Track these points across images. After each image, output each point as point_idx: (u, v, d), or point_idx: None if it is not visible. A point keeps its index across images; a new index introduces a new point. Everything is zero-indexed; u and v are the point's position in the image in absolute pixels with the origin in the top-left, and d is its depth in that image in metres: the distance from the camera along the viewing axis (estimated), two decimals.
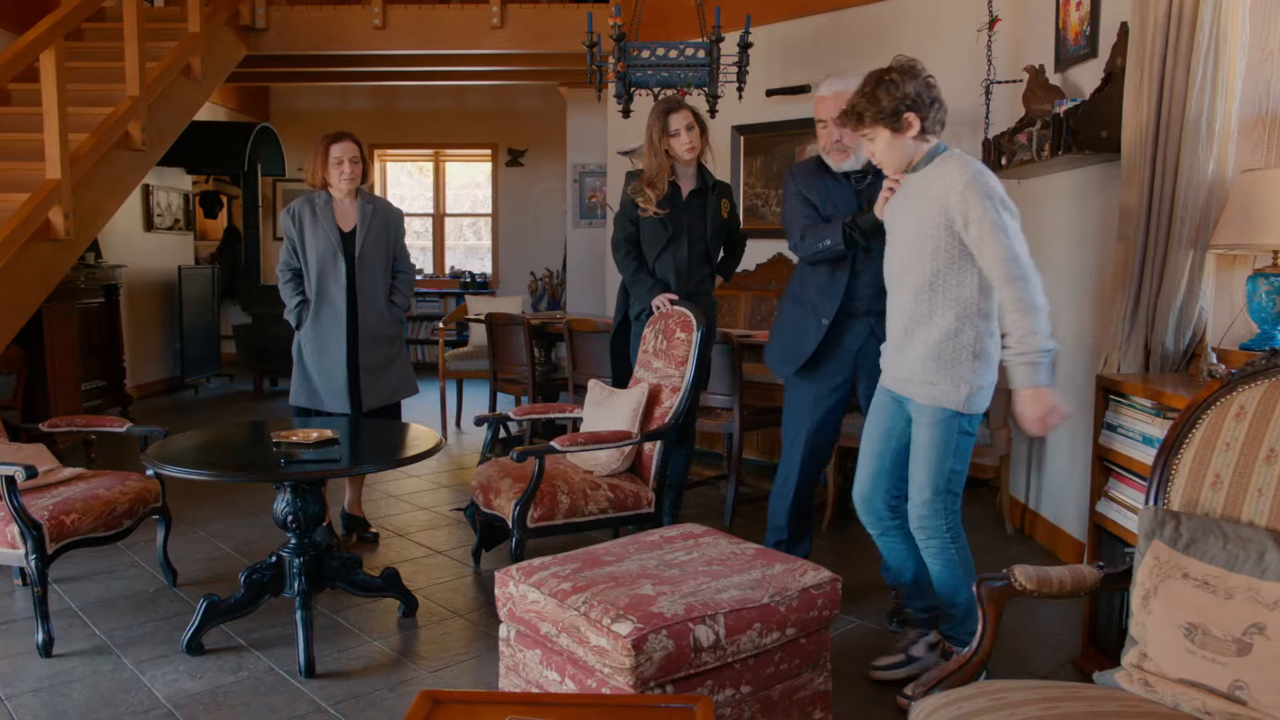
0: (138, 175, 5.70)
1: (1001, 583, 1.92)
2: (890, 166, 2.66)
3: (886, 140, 2.58)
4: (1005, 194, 2.50)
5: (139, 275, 7.68)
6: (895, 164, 2.64)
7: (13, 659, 2.95)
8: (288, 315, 3.90)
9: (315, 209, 3.84)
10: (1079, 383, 3.87)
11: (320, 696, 2.72)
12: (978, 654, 1.90)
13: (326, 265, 3.82)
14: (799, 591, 2.37)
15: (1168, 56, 2.92)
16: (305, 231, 3.83)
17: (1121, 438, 2.74)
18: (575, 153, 8.64)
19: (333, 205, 3.86)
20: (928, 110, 2.54)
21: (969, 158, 2.56)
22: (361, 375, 3.86)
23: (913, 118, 2.53)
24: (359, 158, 3.86)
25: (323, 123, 10.22)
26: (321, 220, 3.83)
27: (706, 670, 2.21)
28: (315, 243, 3.81)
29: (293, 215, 3.85)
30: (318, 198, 3.87)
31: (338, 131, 3.87)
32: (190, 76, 6.20)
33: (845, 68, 5.73)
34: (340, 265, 3.82)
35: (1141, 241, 3.05)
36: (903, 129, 2.55)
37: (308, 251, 3.83)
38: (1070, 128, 3.49)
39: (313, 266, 3.82)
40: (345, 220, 3.87)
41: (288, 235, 3.86)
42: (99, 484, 3.25)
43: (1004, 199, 2.49)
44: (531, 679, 2.39)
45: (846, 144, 3.12)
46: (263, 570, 3.07)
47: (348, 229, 3.86)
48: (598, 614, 2.19)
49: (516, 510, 3.21)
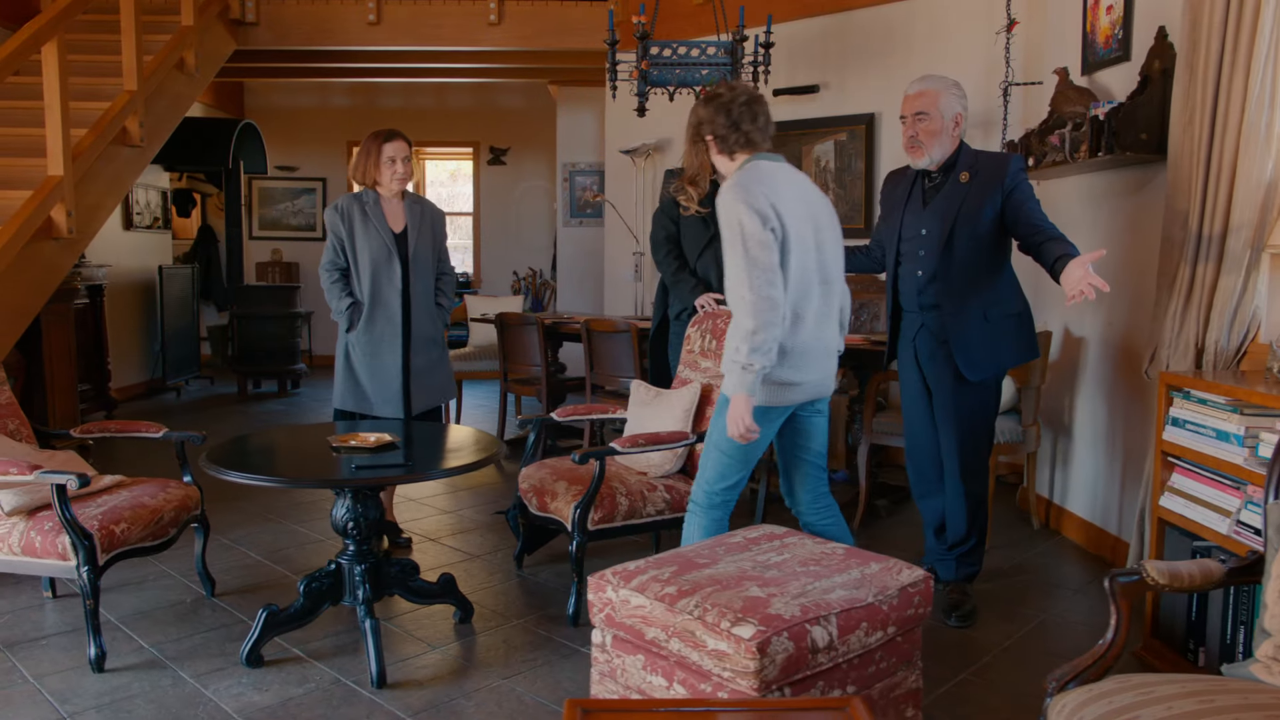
0: (135, 171, 5.54)
1: (1134, 578, 1.94)
2: (721, 176, 2.85)
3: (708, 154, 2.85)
4: (753, 216, 2.54)
5: (119, 275, 7.45)
6: (722, 173, 2.82)
7: (64, 675, 2.84)
8: (336, 318, 3.79)
9: (365, 208, 3.75)
10: (1112, 378, 3.94)
11: (397, 707, 2.66)
12: (1113, 647, 1.92)
13: (380, 267, 3.73)
14: (898, 590, 2.38)
15: (1223, 62, 2.98)
16: (355, 231, 3.73)
17: (1190, 433, 2.79)
18: (566, 152, 8.58)
19: (381, 205, 3.77)
20: (725, 133, 2.72)
21: (739, 182, 2.62)
22: (411, 378, 3.78)
23: (710, 139, 2.76)
24: (410, 157, 3.79)
25: (300, 120, 10.04)
26: (373, 220, 3.74)
27: (820, 671, 2.21)
28: (368, 244, 3.72)
29: (341, 213, 3.75)
30: (366, 196, 3.77)
31: (389, 130, 3.78)
32: (184, 71, 6.04)
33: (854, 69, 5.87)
34: (395, 267, 3.74)
35: (1194, 242, 3.12)
36: (707, 149, 2.80)
37: (359, 252, 3.74)
38: (1112, 129, 3.55)
39: (365, 268, 3.73)
40: (395, 221, 3.79)
41: (335, 234, 3.76)
42: (142, 492, 3.14)
43: (745, 225, 2.54)
44: (632, 685, 2.36)
45: (921, 140, 3.15)
46: (322, 578, 3.00)
47: (398, 230, 3.78)
48: (714, 617, 2.17)
49: (577, 513, 3.18)
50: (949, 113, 3.17)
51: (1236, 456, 2.58)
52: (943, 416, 3.32)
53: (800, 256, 2.63)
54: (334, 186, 10.19)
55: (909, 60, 5.52)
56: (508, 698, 2.73)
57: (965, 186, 3.17)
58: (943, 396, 3.30)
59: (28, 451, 3.15)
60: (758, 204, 2.55)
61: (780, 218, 2.58)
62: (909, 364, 3.41)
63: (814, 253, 2.68)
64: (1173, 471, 2.92)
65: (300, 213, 10.15)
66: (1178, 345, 3.20)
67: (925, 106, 3.16)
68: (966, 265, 3.18)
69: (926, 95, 3.17)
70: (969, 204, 3.15)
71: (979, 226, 3.14)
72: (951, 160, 3.21)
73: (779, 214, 2.58)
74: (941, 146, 3.18)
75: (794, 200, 2.65)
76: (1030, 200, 3.13)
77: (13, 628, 3.18)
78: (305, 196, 10.13)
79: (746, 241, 2.53)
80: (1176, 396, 2.90)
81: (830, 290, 2.76)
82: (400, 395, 3.77)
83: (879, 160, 5.72)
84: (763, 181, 2.62)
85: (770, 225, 2.55)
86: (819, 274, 2.70)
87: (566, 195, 8.62)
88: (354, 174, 3.82)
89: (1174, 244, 3.28)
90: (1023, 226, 3.10)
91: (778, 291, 2.55)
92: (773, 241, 2.54)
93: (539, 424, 3.74)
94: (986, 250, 3.18)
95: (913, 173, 3.32)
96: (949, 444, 3.31)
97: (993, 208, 3.13)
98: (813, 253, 2.68)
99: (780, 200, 2.60)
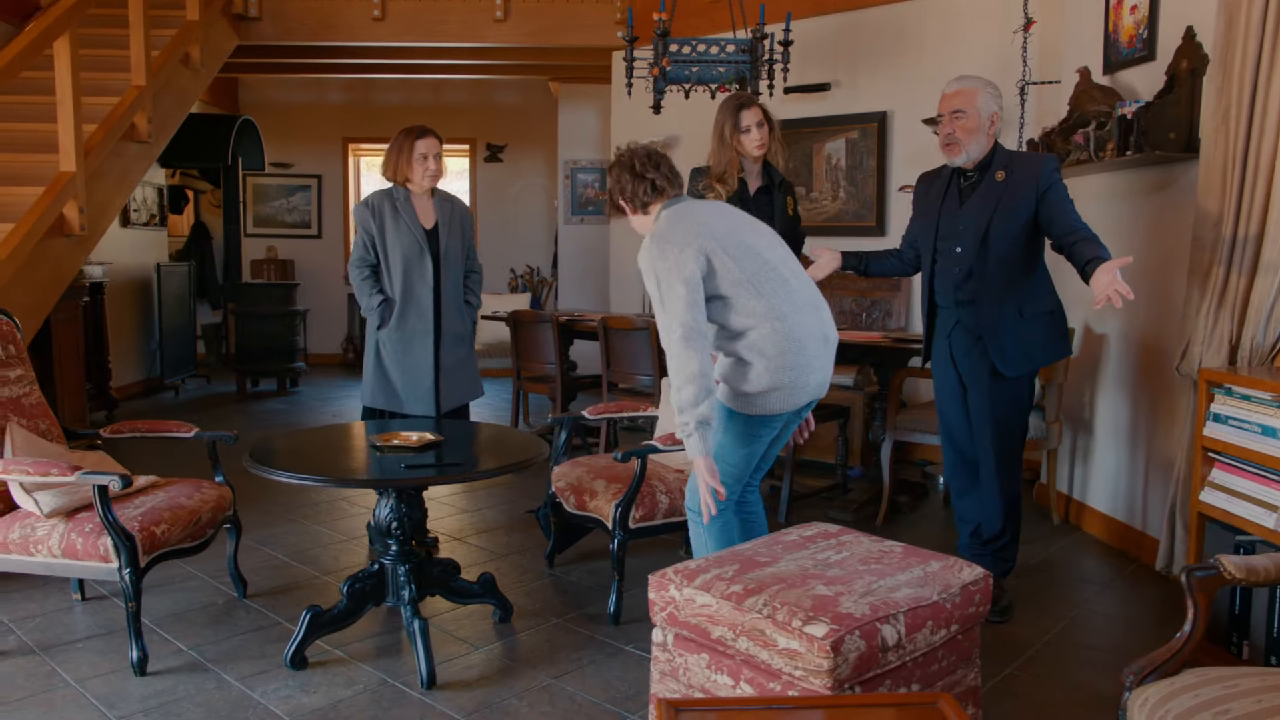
0: (143, 167, 5.48)
1: (1211, 572, 1.96)
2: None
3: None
4: (675, 252, 2.50)
5: (117, 273, 7.36)
6: (641, 233, 2.74)
7: (106, 678, 2.80)
8: (366, 314, 3.78)
9: (396, 205, 3.73)
10: (1135, 375, 3.98)
11: (449, 708, 2.64)
12: (1190, 641, 1.93)
13: (412, 264, 3.72)
14: (960, 588, 2.39)
15: (1260, 63, 3.01)
16: (386, 228, 3.71)
17: (1233, 429, 2.82)
18: (567, 149, 8.56)
19: (412, 201, 3.75)
20: (634, 188, 2.67)
21: (656, 232, 2.59)
22: (441, 376, 3.77)
23: (623, 204, 2.73)
24: (441, 154, 3.77)
25: (295, 116, 9.95)
26: (404, 217, 3.72)
27: (888, 670, 2.22)
28: (399, 240, 3.71)
29: (372, 209, 3.73)
30: (397, 193, 3.76)
31: (420, 126, 3.76)
32: (189, 66, 5.98)
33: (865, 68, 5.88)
34: (427, 264, 3.73)
35: (1229, 241, 3.15)
36: (626, 213, 2.76)
37: (389, 249, 3.72)
38: (1141, 128, 3.58)
39: (397, 265, 3.72)
40: (426, 217, 3.78)
41: (365, 230, 3.74)
42: (178, 492, 3.10)
43: (664, 273, 2.50)
44: (695, 684, 2.36)
45: (958, 138, 3.17)
46: (365, 579, 2.97)
47: (429, 226, 3.77)
48: (785, 616, 2.17)
49: (618, 511, 3.17)
50: (986, 111, 3.18)
51: None
52: (978, 413, 3.33)
53: (752, 261, 2.59)
54: (329, 183, 10.11)
55: (921, 59, 5.55)
56: (559, 697, 2.71)
57: (1001, 185, 3.19)
58: (978, 392, 3.32)
59: (60, 452, 3.10)
60: (678, 239, 2.52)
61: (713, 238, 2.55)
62: (944, 360, 3.42)
63: (765, 254, 2.63)
64: (1213, 467, 2.95)
65: (295, 210, 10.06)
66: (1211, 342, 3.23)
67: (962, 104, 3.18)
68: (1002, 263, 3.20)
69: (964, 93, 3.19)
70: (1005, 203, 3.17)
71: (1014, 225, 3.16)
72: (987, 160, 3.23)
73: (710, 235, 2.55)
74: (978, 144, 3.19)
75: (718, 219, 2.64)
76: (1065, 200, 3.15)
77: (46, 630, 3.13)
78: (300, 193, 10.04)
79: (665, 279, 2.49)
80: (1218, 393, 2.93)
81: (805, 283, 2.70)
82: (431, 392, 3.75)
83: (890, 159, 5.74)
84: (680, 218, 2.60)
85: (701, 251, 2.51)
86: (784, 269, 2.65)
87: (568, 192, 8.59)
88: (385, 170, 3.79)
89: (1205, 243, 3.31)
90: (1057, 226, 3.12)
91: (701, 315, 2.51)
92: (696, 275, 2.49)
93: (569, 422, 3.73)
94: (1022, 248, 3.20)
95: (949, 172, 3.33)
96: (984, 440, 3.33)
97: (1027, 207, 3.15)
98: (764, 254, 2.63)
99: (704, 224, 2.58)
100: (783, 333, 2.59)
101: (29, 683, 2.76)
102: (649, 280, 2.56)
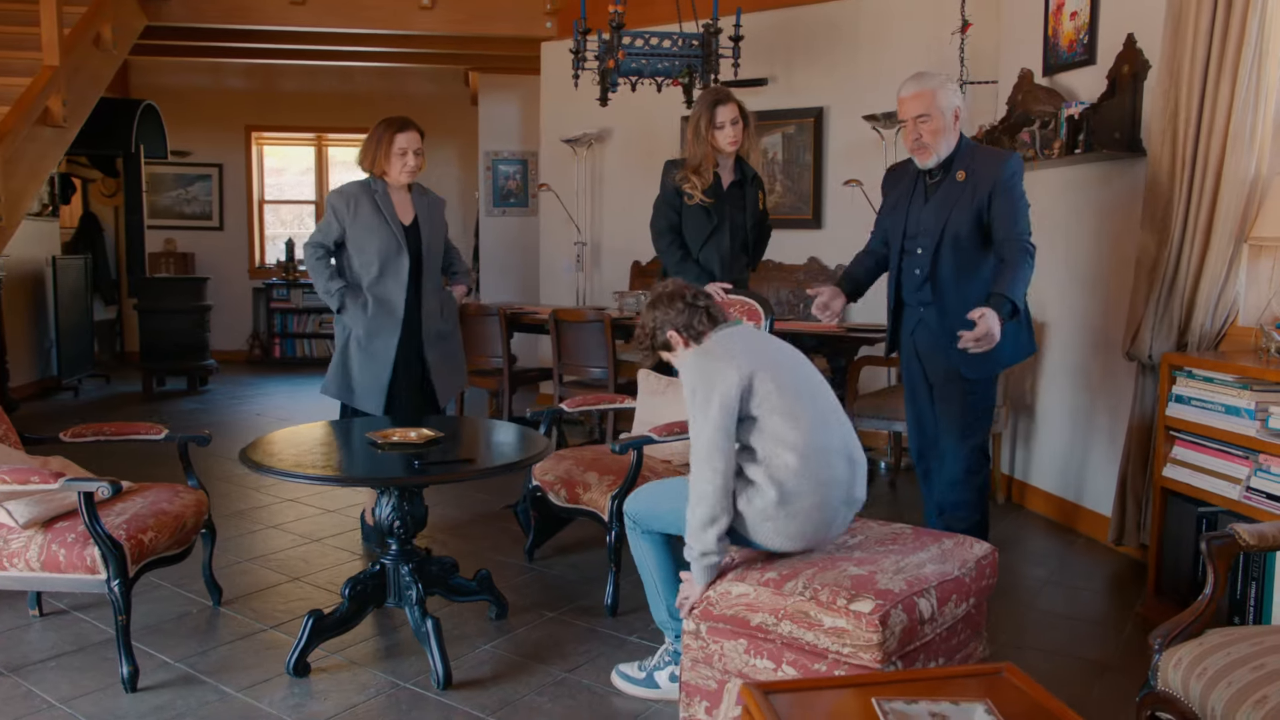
0: (57, 154, 5.16)
1: (1227, 540, 2.11)
2: None
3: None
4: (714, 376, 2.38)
5: (10, 266, 6.86)
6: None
7: (93, 697, 2.63)
8: (326, 298, 3.66)
9: (375, 199, 3.62)
10: (1080, 360, 4.22)
11: (471, 707, 2.60)
12: (1211, 603, 2.08)
13: (389, 261, 3.62)
14: (975, 562, 2.51)
15: (1209, 69, 3.24)
16: (362, 221, 3.60)
17: (1196, 409, 3.04)
18: (488, 140, 8.44)
19: (391, 195, 3.66)
20: (688, 319, 2.51)
21: (705, 347, 2.49)
22: (432, 373, 3.71)
23: (673, 336, 2.53)
24: (422, 149, 3.67)
25: (193, 101, 9.48)
26: (384, 211, 3.62)
27: (923, 643, 2.31)
28: (375, 236, 3.60)
29: (347, 199, 3.62)
30: (375, 185, 3.65)
31: (401, 118, 3.65)
32: (100, 46, 5.62)
33: (802, 63, 6.02)
34: (404, 262, 3.63)
35: (1179, 233, 3.38)
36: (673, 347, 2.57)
37: (363, 243, 3.61)
38: (1091, 128, 3.81)
39: (371, 260, 3.62)
40: (404, 213, 3.69)
41: (336, 217, 3.62)
42: (157, 498, 2.94)
43: (703, 387, 2.38)
44: (731, 669, 2.39)
45: (926, 142, 3.14)
46: (366, 580, 2.89)
47: (408, 222, 3.68)
48: (828, 596, 2.23)
49: (615, 503, 3.18)
50: (949, 109, 3.13)
51: (1248, 429, 2.83)
52: (943, 412, 3.31)
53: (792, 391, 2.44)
54: (231, 173, 9.67)
55: (856, 56, 5.73)
56: (578, 690, 2.71)
57: (960, 186, 3.15)
58: (941, 392, 3.30)
59: (24, 458, 2.90)
60: (723, 355, 2.43)
61: (759, 360, 2.44)
62: (910, 357, 3.40)
63: (804, 387, 2.49)
64: (1174, 445, 3.17)
65: (195, 200, 9.58)
66: (1160, 328, 3.47)
67: (924, 108, 3.11)
68: (964, 264, 3.18)
69: (923, 96, 3.12)
70: (962, 205, 3.14)
71: (972, 228, 3.14)
72: (951, 157, 3.18)
73: (757, 356, 2.45)
74: (947, 143, 3.14)
75: (767, 344, 2.58)
76: (1012, 205, 3.10)
77: (10, 650, 2.93)
78: (200, 183, 9.58)
79: (704, 392, 2.37)
80: (1179, 376, 3.15)
81: (844, 426, 2.53)
82: (384, 393, 3.66)
83: (827, 153, 5.90)
84: (731, 339, 2.49)
85: (746, 373, 2.39)
86: (825, 407, 2.50)
87: (489, 184, 8.48)
88: (362, 160, 3.67)
89: (1152, 235, 3.54)
90: (996, 233, 3.12)
91: (729, 436, 2.37)
92: (734, 396, 2.36)
93: (551, 415, 3.70)
94: (983, 249, 3.17)
95: (914, 168, 3.31)
96: (950, 436, 3.31)
97: (985, 210, 3.11)
98: (803, 388, 2.49)
99: (752, 348, 2.48)
100: (805, 472, 2.39)
101: (7, 706, 2.58)
102: (687, 388, 2.44)
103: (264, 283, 9.60)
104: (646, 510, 2.65)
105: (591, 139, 6.66)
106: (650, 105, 6.04)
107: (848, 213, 5.67)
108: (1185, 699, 1.95)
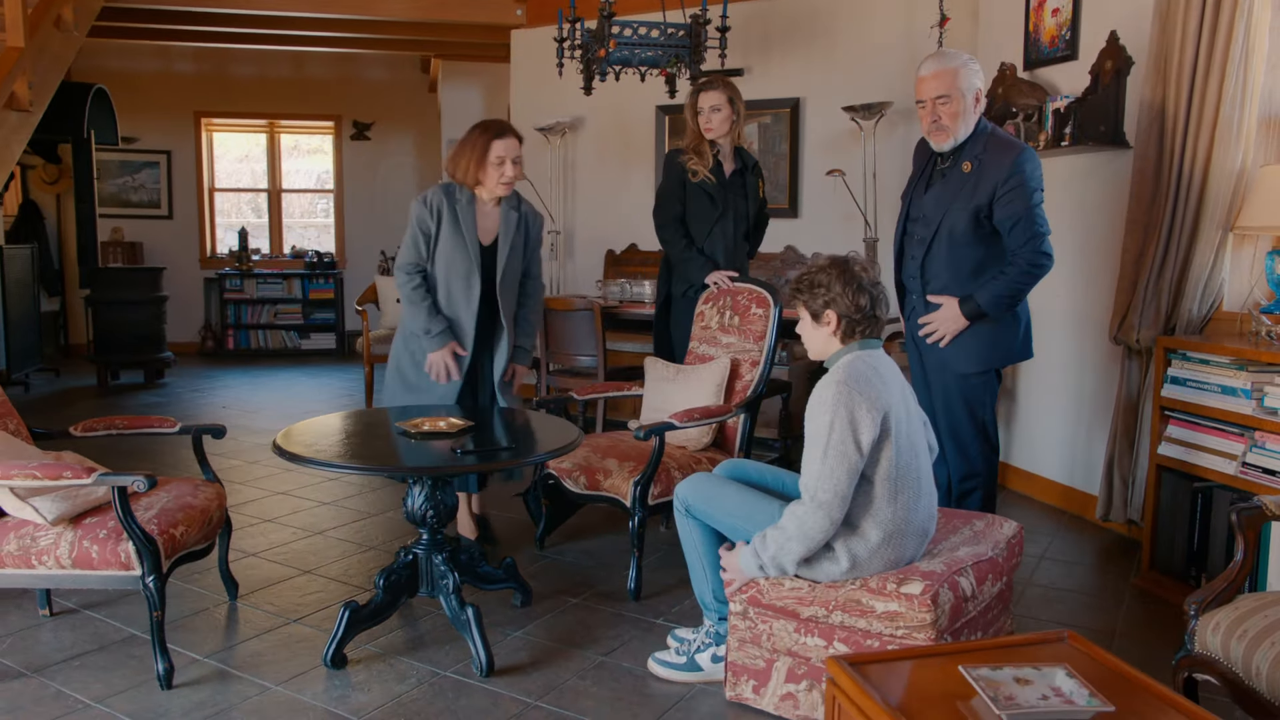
0: (22, 139, 4.98)
1: (1255, 510, 2.25)
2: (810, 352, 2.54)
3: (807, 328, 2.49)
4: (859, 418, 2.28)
5: None
6: (815, 353, 2.51)
7: (129, 695, 2.58)
8: (425, 338, 3.39)
9: (457, 210, 3.35)
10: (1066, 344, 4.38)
11: (518, 693, 2.62)
12: (1243, 569, 2.21)
13: (455, 282, 3.38)
14: (1005, 542, 2.62)
15: (1198, 66, 3.40)
16: (442, 234, 3.35)
17: (1192, 389, 3.20)
18: (451, 128, 8.35)
19: (475, 208, 3.40)
20: (857, 318, 2.39)
21: (854, 375, 2.34)
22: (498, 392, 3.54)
23: (831, 315, 2.40)
24: (521, 157, 3.38)
25: (140, 85, 9.19)
26: (463, 226, 3.35)
27: (967, 620, 2.41)
28: (448, 252, 3.35)
29: (430, 208, 3.35)
30: (460, 194, 3.37)
31: (499, 122, 3.39)
32: (60, 28, 5.42)
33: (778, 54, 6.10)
34: (474, 286, 3.37)
35: (1167, 223, 3.55)
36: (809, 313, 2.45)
37: (436, 258, 3.38)
38: (1078, 121, 3.96)
39: (440, 280, 3.39)
40: (486, 231, 3.40)
41: (422, 230, 3.35)
42: (179, 491, 2.88)
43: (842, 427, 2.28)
44: (780, 647, 2.45)
45: (945, 124, 3.10)
46: (399, 571, 2.88)
47: (488, 241, 3.40)
48: (877, 583, 2.31)
49: (638, 489, 3.22)
50: (970, 90, 3.07)
51: (1245, 408, 3.00)
52: (940, 403, 3.27)
53: (908, 461, 2.39)
54: (180, 160, 9.40)
55: (833, 48, 5.83)
56: (619, 674, 2.75)
57: (965, 178, 3.11)
58: (938, 381, 3.28)
59: (39, 453, 2.82)
60: (870, 396, 2.31)
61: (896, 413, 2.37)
62: (910, 343, 3.39)
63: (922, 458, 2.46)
64: (1168, 424, 3.34)
65: (142, 188, 9.29)
66: (1147, 313, 3.63)
67: (945, 89, 3.05)
68: (961, 259, 3.13)
69: (944, 75, 3.06)
70: (964, 197, 3.09)
71: (971, 222, 3.09)
72: (963, 144, 3.14)
73: (895, 408, 2.37)
74: (966, 126, 3.09)
75: (907, 396, 2.50)
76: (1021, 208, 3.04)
77: (28, 651, 2.85)
78: (148, 170, 9.28)
79: (840, 430, 2.28)
80: (1174, 358, 3.31)
81: (931, 504, 2.50)
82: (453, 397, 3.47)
83: (803, 144, 6.00)
84: (879, 374, 2.37)
85: (885, 426, 2.32)
86: (927, 482, 2.46)
87: None
88: (451, 169, 3.39)
89: (1138, 225, 3.71)
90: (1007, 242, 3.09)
91: (852, 484, 2.31)
92: (870, 445, 2.29)
93: (561, 404, 3.72)
94: (982, 245, 3.12)
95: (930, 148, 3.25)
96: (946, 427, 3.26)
97: (987, 206, 3.07)
98: (918, 446, 2.45)
99: (893, 395, 2.38)
100: (881, 552, 2.36)
101: (40, 707, 2.52)
102: (822, 419, 2.31)
103: (216, 273, 9.36)
104: (705, 507, 2.61)
105: (565, 127, 6.65)
106: (624, 94, 6.07)
107: (825, 202, 5.78)
108: (1225, 660, 2.08)
